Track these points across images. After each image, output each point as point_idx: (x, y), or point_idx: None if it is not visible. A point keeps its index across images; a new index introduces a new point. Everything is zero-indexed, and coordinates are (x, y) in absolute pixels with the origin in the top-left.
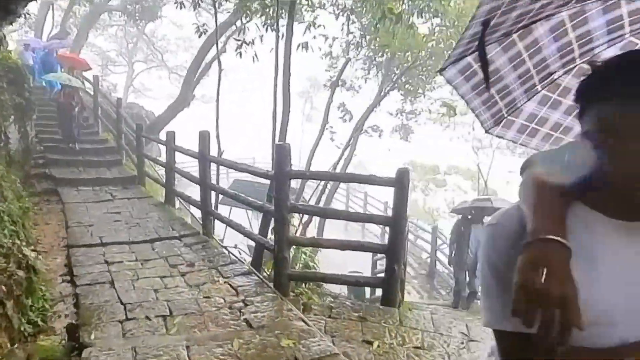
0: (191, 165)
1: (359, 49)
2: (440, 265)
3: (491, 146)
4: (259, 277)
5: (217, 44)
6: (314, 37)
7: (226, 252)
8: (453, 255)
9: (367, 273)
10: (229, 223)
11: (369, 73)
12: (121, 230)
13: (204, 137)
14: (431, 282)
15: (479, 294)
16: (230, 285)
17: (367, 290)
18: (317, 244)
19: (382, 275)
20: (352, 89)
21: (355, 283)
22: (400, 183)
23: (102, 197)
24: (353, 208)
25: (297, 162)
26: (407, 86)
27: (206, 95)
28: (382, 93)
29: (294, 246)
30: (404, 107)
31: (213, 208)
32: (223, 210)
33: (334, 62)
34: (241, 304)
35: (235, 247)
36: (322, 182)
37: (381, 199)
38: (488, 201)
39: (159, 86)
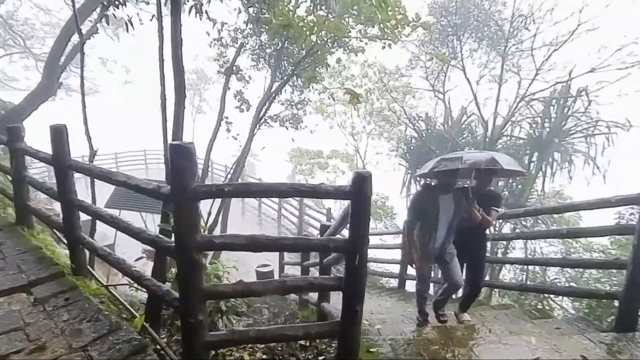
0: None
1: (249, 37)
2: None
3: (364, 132)
4: (159, 346)
5: (73, 4)
6: (209, 11)
7: (107, 299)
8: (420, 239)
9: (275, 264)
10: (107, 257)
11: (258, 64)
12: None
13: (58, 133)
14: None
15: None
16: None
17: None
18: (250, 290)
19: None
20: (244, 79)
21: (305, 337)
22: (360, 193)
23: None
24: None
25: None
26: (300, 76)
27: (84, 86)
28: (278, 84)
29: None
30: (292, 98)
31: (87, 234)
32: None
33: (224, 50)
34: None
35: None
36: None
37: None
38: (458, 160)
39: (25, 77)
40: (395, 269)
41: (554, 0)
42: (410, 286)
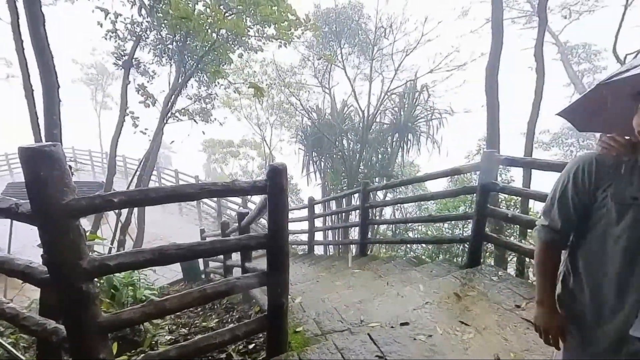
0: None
1: (149, 31)
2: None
3: (268, 122)
4: None
5: None
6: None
7: None
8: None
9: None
10: None
11: (161, 59)
12: None
13: None
14: None
15: None
16: None
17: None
18: (164, 310)
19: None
20: (147, 73)
21: (234, 339)
22: (276, 187)
23: None
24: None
25: (100, 153)
26: (205, 71)
27: None
28: (180, 80)
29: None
30: (200, 93)
31: None
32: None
33: (122, 44)
34: None
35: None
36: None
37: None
38: None
39: None
40: (304, 236)
41: (405, 16)
42: (318, 249)
